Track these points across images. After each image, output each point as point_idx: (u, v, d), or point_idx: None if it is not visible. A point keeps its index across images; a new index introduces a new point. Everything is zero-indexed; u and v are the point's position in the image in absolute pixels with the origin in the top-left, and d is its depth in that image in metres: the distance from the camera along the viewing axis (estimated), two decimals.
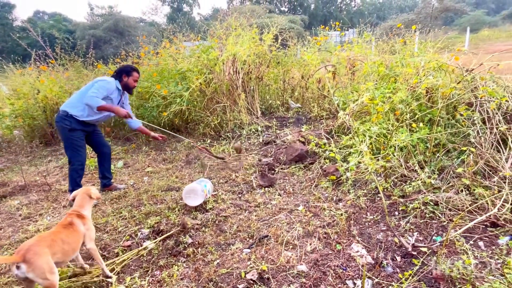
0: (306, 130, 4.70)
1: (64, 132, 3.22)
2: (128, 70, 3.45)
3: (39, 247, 1.79)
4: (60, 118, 3.21)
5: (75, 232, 2.06)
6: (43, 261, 1.76)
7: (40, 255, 1.76)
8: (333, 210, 2.80)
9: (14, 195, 3.70)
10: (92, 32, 30.54)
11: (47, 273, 1.76)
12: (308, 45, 6.23)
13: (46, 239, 1.87)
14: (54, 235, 1.94)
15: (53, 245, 1.87)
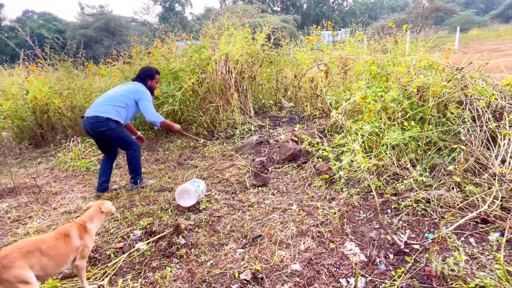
0: (299, 130, 4.70)
1: (113, 131, 3.32)
2: (152, 73, 3.62)
3: (11, 259, 1.67)
4: (101, 124, 3.25)
5: (64, 246, 1.90)
6: (12, 274, 1.64)
7: (9, 267, 1.64)
8: (326, 208, 2.80)
9: (3, 197, 3.63)
10: (82, 31, 30.16)
11: (19, 284, 1.64)
12: (301, 44, 6.25)
13: (23, 249, 1.73)
14: (35, 244, 1.79)
15: (29, 257, 1.73)
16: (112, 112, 3.30)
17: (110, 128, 3.29)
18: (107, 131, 3.29)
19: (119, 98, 3.39)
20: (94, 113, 3.27)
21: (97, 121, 3.25)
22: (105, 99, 3.38)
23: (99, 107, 3.31)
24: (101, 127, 3.27)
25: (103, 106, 3.32)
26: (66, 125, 5.58)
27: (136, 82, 3.58)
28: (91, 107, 3.36)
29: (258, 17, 10.28)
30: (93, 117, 3.26)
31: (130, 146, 3.53)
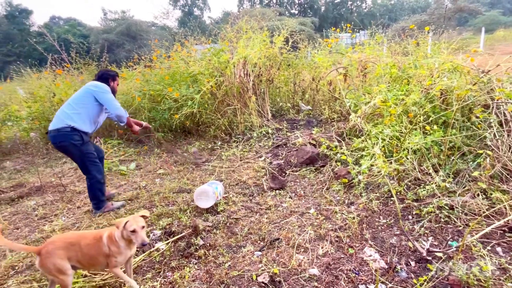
0: (317, 133, 4.67)
1: (77, 149, 3.03)
2: (113, 74, 3.39)
3: (53, 247, 1.85)
4: (65, 136, 2.97)
5: (97, 248, 1.92)
6: (52, 261, 1.82)
7: (50, 254, 1.83)
8: (345, 213, 2.77)
9: (31, 195, 3.79)
10: (105, 36, 31.16)
11: (55, 272, 1.82)
12: (319, 47, 6.21)
13: (65, 241, 1.90)
14: (77, 239, 1.93)
15: (69, 249, 1.88)
16: (72, 117, 2.99)
17: (72, 143, 2.99)
18: (69, 146, 3.01)
19: (75, 100, 3.08)
20: (57, 125, 2.98)
21: (59, 133, 2.97)
22: (61, 108, 3.09)
23: (57, 118, 3.03)
24: (64, 141, 2.98)
25: (61, 114, 3.03)
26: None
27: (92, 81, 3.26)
28: (55, 118, 3.04)
29: (276, 21, 10.30)
30: (55, 130, 2.98)
31: (88, 173, 3.16)
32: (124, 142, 5.63)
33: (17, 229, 3.04)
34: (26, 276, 2.30)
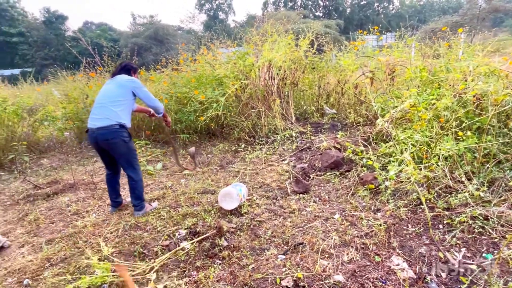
0: (342, 137, 4.60)
1: (126, 145, 3.02)
2: (135, 67, 3.35)
3: None
4: (116, 133, 2.94)
5: None
6: None
7: None
8: (371, 220, 2.71)
9: (64, 192, 3.99)
10: (134, 40, 32.33)
11: None
12: (345, 50, 6.13)
13: None
14: None
15: None
16: (119, 115, 2.98)
17: (123, 139, 2.99)
18: (119, 142, 2.98)
19: (118, 97, 3.01)
20: (104, 123, 2.92)
21: (109, 130, 2.92)
22: (105, 105, 2.99)
23: (103, 115, 2.96)
24: (115, 138, 2.95)
25: (107, 112, 2.96)
26: None
27: (120, 75, 3.18)
28: (98, 116, 2.97)
29: (300, 23, 10.26)
30: (104, 127, 2.92)
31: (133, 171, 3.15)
32: (151, 143, 5.80)
33: (52, 223, 3.21)
34: (60, 268, 2.43)
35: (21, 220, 3.34)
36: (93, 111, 3.05)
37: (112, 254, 2.51)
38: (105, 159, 3.22)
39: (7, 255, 2.68)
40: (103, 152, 3.14)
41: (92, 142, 3.07)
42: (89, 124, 3.02)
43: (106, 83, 3.18)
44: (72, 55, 32.89)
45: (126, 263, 2.39)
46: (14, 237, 2.98)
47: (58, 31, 37.80)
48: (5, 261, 2.60)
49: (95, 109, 3.04)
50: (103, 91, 3.11)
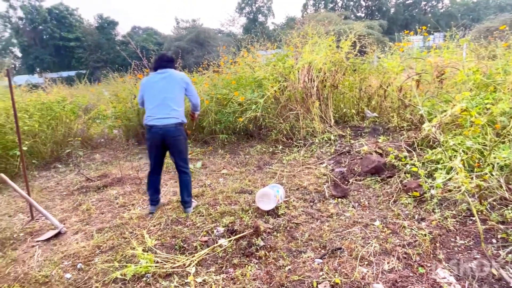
0: (384, 141, 4.43)
1: (185, 142, 3.18)
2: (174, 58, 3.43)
3: None
4: (181, 131, 3.10)
5: None
6: None
7: None
8: (415, 229, 2.58)
9: (113, 185, 4.28)
10: (177, 43, 33.67)
11: None
12: (389, 51, 5.90)
13: None
14: None
15: None
16: (181, 113, 3.10)
17: (185, 136, 3.13)
18: (183, 139, 3.13)
19: (178, 96, 3.12)
20: (173, 121, 3.04)
21: (176, 128, 3.05)
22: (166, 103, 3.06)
23: (168, 114, 3.04)
24: (180, 135, 3.10)
25: (171, 111, 3.05)
26: None
27: (170, 69, 3.20)
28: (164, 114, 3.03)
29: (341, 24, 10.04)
30: (173, 125, 3.03)
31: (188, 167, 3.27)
32: (191, 142, 6.01)
33: (102, 214, 3.46)
34: (109, 256, 2.61)
35: (75, 209, 3.64)
36: (156, 109, 3.04)
37: (155, 246, 2.65)
38: (157, 158, 3.23)
39: (63, 240, 2.94)
40: (160, 150, 3.17)
41: (156, 139, 3.07)
42: (153, 121, 3.02)
43: (158, 78, 3.13)
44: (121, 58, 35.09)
45: (168, 255, 2.51)
46: (69, 224, 3.26)
47: (109, 36, 40.58)
48: (62, 245, 2.86)
49: (159, 107, 3.04)
50: (160, 87, 3.09)
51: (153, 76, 3.18)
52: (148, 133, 3.11)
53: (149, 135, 3.12)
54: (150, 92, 3.13)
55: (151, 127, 3.06)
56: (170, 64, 3.24)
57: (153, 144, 3.15)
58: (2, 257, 2.72)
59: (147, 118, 3.09)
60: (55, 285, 2.30)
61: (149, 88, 3.15)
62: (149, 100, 3.13)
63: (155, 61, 3.27)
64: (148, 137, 3.14)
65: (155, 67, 3.22)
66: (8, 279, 2.42)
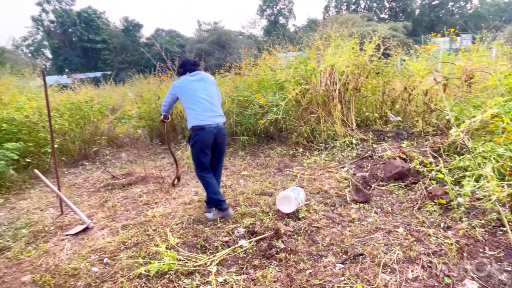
0: (407, 146, 4.33)
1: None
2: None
3: None
4: (226, 130, 3.25)
5: None
6: None
7: None
8: (441, 237, 2.51)
9: (137, 184, 4.41)
10: (199, 46, 34.29)
11: None
12: (414, 54, 5.75)
13: None
14: None
15: None
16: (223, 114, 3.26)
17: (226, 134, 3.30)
18: (226, 139, 3.30)
19: (216, 93, 3.23)
20: (222, 120, 3.17)
21: (224, 127, 3.18)
22: (215, 103, 3.17)
23: (219, 111, 3.18)
24: (226, 134, 3.26)
25: (219, 111, 3.18)
26: (185, 127, 6.45)
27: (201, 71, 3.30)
28: (214, 113, 3.10)
29: (364, 26, 9.88)
30: (223, 124, 3.14)
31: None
32: None
33: (127, 211, 3.58)
34: (133, 252, 2.70)
35: (102, 205, 3.79)
36: (204, 109, 3.05)
37: (177, 244, 2.72)
38: (208, 158, 3.19)
39: (91, 235, 3.07)
40: (211, 149, 3.16)
41: (209, 139, 3.06)
42: (204, 121, 3.01)
43: (195, 80, 3.16)
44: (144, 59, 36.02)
45: (190, 253, 2.56)
46: (96, 220, 3.40)
47: (133, 38, 41.86)
48: (89, 240, 2.98)
49: (206, 108, 3.06)
50: (200, 89, 3.11)
51: (188, 79, 3.18)
52: (200, 134, 3.05)
53: (200, 136, 3.05)
54: (191, 94, 3.10)
55: (203, 127, 3.03)
56: (198, 67, 3.31)
57: (205, 144, 3.09)
58: (35, 249, 2.88)
59: (196, 119, 3.04)
60: (83, 277, 2.40)
61: (189, 90, 3.12)
62: (192, 102, 3.09)
63: (185, 64, 3.29)
64: (199, 138, 3.06)
65: (187, 70, 3.25)
66: (40, 269, 2.56)
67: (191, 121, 3.08)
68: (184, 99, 3.16)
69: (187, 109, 3.15)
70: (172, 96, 3.29)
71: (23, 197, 4.29)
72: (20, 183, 4.70)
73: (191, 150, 3.20)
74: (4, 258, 2.76)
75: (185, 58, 3.43)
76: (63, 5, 42.22)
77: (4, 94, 5.93)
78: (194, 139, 3.09)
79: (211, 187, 3.17)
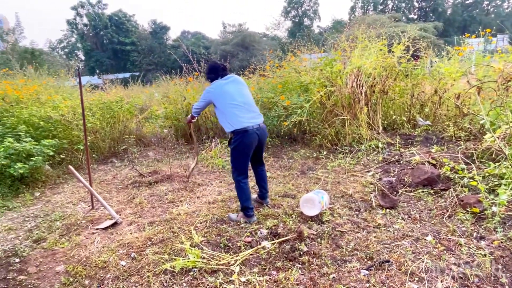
0: (437, 151, 4.17)
1: None
2: None
3: None
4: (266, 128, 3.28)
5: None
6: None
7: None
8: (473, 248, 2.39)
9: (162, 182, 4.53)
10: (223, 47, 34.73)
11: None
12: (446, 55, 5.53)
13: None
14: None
15: None
16: None
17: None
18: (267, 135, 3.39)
19: (250, 94, 3.26)
20: (262, 119, 3.18)
21: (264, 126, 3.21)
22: (251, 100, 3.19)
23: (257, 111, 3.19)
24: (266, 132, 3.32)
25: (257, 109, 3.21)
26: (209, 128, 6.56)
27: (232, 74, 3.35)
28: (253, 114, 3.11)
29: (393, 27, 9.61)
30: (263, 123, 3.18)
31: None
32: None
33: (153, 208, 3.69)
34: (159, 248, 2.78)
35: (129, 202, 3.92)
36: (244, 111, 3.04)
37: (201, 242, 2.77)
38: (248, 161, 3.18)
39: (119, 230, 3.19)
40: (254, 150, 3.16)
41: (254, 140, 3.06)
42: (247, 123, 3.00)
43: (229, 83, 3.15)
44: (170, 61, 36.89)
45: (213, 252, 2.60)
46: (124, 215, 3.53)
47: (161, 40, 43.09)
48: (118, 234, 3.10)
49: (246, 109, 3.06)
50: (236, 91, 3.10)
51: (222, 84, 3.14)
52: (244, 136, 3.00)
53: (244, 138, 3.01)
54: (227, 98, 3.06)
55: (246, 129, 2.99)
56: (228, 71, 3.30)
57: (249, 147, 3.07)
58: (68, 241, 3.03)
59: (238, 123, 3.00)
60: (112, 270, 2.50)
61: (224, 94, 3.08)
62: (230, 106, 3.04)
63: (215, 69, 3.24)
64: (242, 140, 3.01)
65: (218, 75, 3.21)
66: (73, 261, 2.69)
67: (233, 125, 3.01)
68: (220, 103, 3.09)
69: (223, 113, 3.08)
70: (206, 101, 3.25)
71: (57, 191, 4.52)
72: (55, 178, 4.97)
73: (232, 153, 3.15)
74: (40, 248, 2.93)
75: (213, 63, 3.36)
76: (96, 9, 44.20)
77: (42, 94, 6.28)
78: (237, 142, 3.03)
79: (245, 193, 3.14)
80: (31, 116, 5.22)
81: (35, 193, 4.46)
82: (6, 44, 23.56)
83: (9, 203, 4.04)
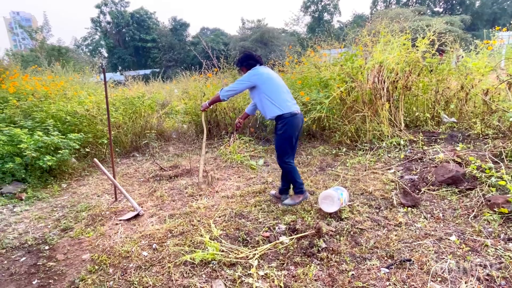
0: (463, 149, 4.02)
1: None
2: None
3: None
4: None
5: None
6: None
7: None
8: (501, 249, 2.30)
9: (182, 176, 4.63)
10: (242, 43, 34.76)
11: None
12: (474, 50, 5.30)
13: None
14: None
15: None
16: None
17: None
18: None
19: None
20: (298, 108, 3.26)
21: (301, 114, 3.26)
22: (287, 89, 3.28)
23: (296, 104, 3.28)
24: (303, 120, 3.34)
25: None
26: (228, 123, 6.61)
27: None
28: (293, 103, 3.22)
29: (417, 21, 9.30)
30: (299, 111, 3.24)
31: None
32: (254, 140, 6.18)
33: (173, 201, 3.77)
34: (179, 240, 2.84)
35: (151, 195, 4.03)
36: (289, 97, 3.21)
37: (220, 236, 2.81)
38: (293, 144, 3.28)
39: (141, 222, 3.29)
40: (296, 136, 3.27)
41: (300, 125, 3.22)
42: (293, 108, 3.15)
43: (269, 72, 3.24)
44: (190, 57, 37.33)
45: (232, 246, 2.64)
46: (146, 208, 3.63)
47: (180, 37, 43.64)
48: (140, 226, 3.20)
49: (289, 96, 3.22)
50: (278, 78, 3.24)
51: (265, 68, 3.26)
52: (293, 119, 3.12)
53: (293, 122, 3.13)
54: (274, 83, 3.15)
55: (295, 113, 3.14)
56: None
57: (297, 130, 3.21)
58: (93, 230, 3.15)
59: (287, 106, 3.12)
60: (135, 260, 2.59)
61: (271, 79, 3.16)
62: (277, 91, 3.14)
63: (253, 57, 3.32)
64: (292, 123, 3.12)
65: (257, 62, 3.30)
66: (98, 250, 2.80)
67: (282, 109, 3.10)
68: (266, 88, 3.13)
69: (269, 98, 3.12)
70: (249, 84, 3.20)
71: (83, 183, 4.71)
72: (80, 171, 5.17)
73: (279, 138, 3.21)
74: (67, 237, 3.07)
75: (248, 52, 3.43)
76: (119, 6, 45.29)
77: (68, 90, 6.53)
78: (286, 126, 3.12)
79: (296, 172, 3.36)
80: (59, 110, 5.45)
81: (62, 184, 4.66)
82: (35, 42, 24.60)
83: (39, 193, 4.24)
